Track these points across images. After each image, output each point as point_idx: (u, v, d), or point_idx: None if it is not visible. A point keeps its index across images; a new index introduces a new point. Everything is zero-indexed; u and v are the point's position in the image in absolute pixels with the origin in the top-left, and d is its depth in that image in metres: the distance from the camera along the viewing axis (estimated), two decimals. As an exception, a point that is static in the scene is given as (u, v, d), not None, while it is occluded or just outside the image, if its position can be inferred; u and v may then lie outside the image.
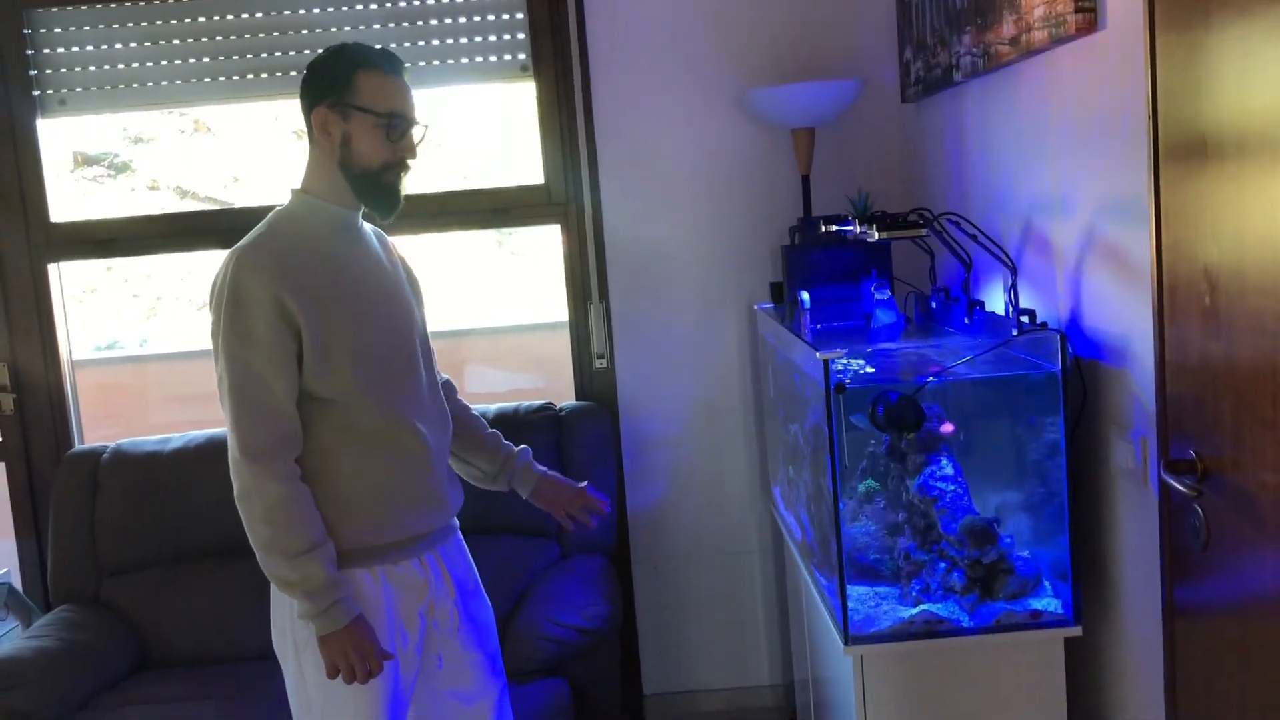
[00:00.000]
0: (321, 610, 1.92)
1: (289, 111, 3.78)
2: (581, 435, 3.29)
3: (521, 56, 3.37)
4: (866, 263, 2.99)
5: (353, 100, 1.95)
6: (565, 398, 3.50)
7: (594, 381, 3.48)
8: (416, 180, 2.13)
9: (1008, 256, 2.22)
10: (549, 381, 3.64)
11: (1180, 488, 1.60)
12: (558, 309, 3.53)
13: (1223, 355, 1.53)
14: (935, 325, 2.72)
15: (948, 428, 2.20)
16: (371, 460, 2.01)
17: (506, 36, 3.36)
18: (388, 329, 2.04)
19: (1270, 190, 1.39)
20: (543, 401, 3.36)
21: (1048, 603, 2.09)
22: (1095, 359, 2.05)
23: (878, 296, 2.87)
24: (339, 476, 1.99)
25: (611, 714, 2.92)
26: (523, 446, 2.37)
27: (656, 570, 3.51)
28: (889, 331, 2.79)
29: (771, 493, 3.11)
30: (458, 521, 2.26)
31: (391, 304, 2.07)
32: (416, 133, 2.03)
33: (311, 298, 1.94)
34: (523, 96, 3.44)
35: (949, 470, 2.17)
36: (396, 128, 1.98)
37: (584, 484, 2.38)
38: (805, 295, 2.87)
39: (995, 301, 2.52)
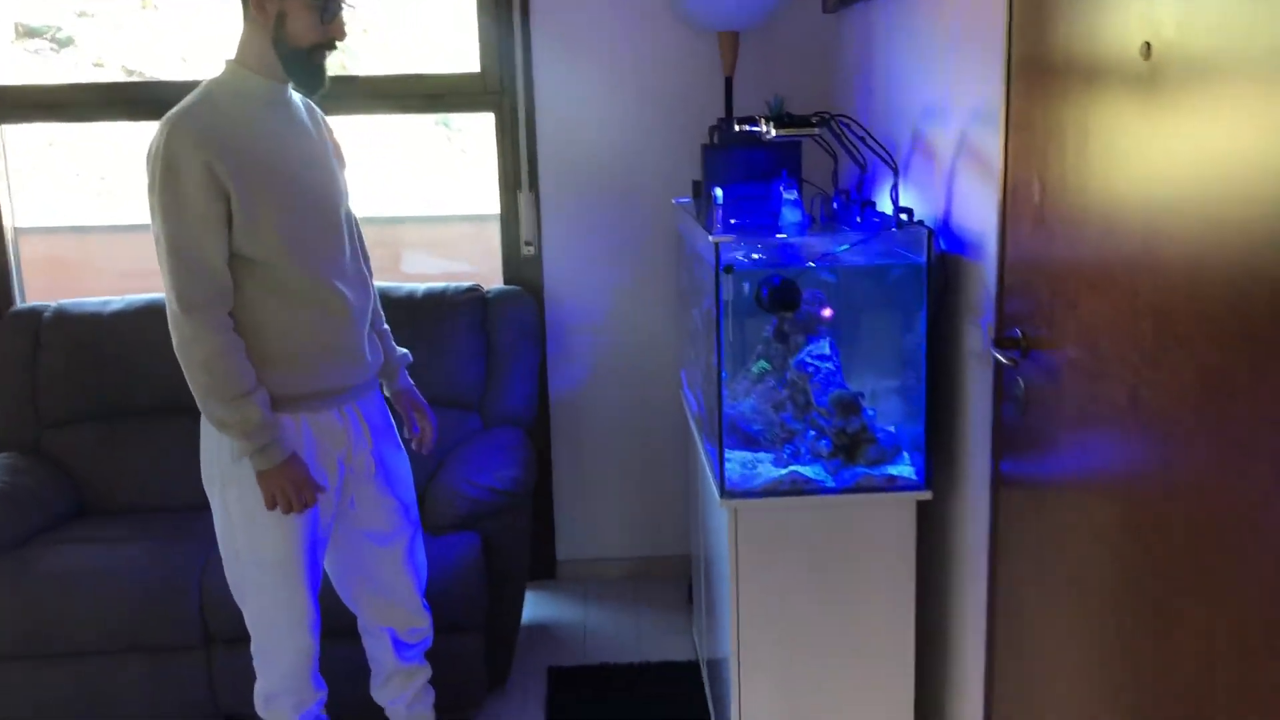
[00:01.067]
0: (259, 448, 2.13)
1: (234, -11, 3.84)
2: (506, 317, 3.49)
3: (462, -53, 3.48)
4: (778, 164, 3.18)
5: None
6: (495, 284, 3.68)
7: (522, 268, 3.67)
8: (358, 62, 2.27)
9: (891, 158, 2.43)
10: (481, 269, 3.82)
11: (1004, 360, 1.84)
12: (495, 202, 3.69)
13: (1044, 248, 1.76)
14: (835, 224, 2.93)
15: (827, 312, 2.42)
16: (296, 317, 2.19)
17: (448, -74, 3.46)
18: (313, 196, 2.20)
19: (1087, 107, 1.60)
20: (470, 284, 3.54)
21: (903, 469, 2.35)
22: (958, 254, 2.27)
23: (786, 196, 3.07)
24: (266, 331, 2.18)
25: (519, 570, 3.18)
26: (404, 352, 2.58)
27: (575, 446, 3.74)
28: (794, 229, 3.01)
29: (679, 376, 3.34)
30: (378, 380, 2.46)
31: (317, 172, 2.23)
32: (346, 14, 2.18)
33: (240, 164, 2.08)
34: (463, -14, 3.56)
35: (825, 350, 2.40)
36: (329, 10, 2.12)
37: (430, 421, 2.58)
38: (719, 192, 3.07)
39: (885, 202, 2.73)
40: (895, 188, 2.42)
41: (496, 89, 3.55)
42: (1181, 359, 1.34)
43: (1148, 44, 1.40)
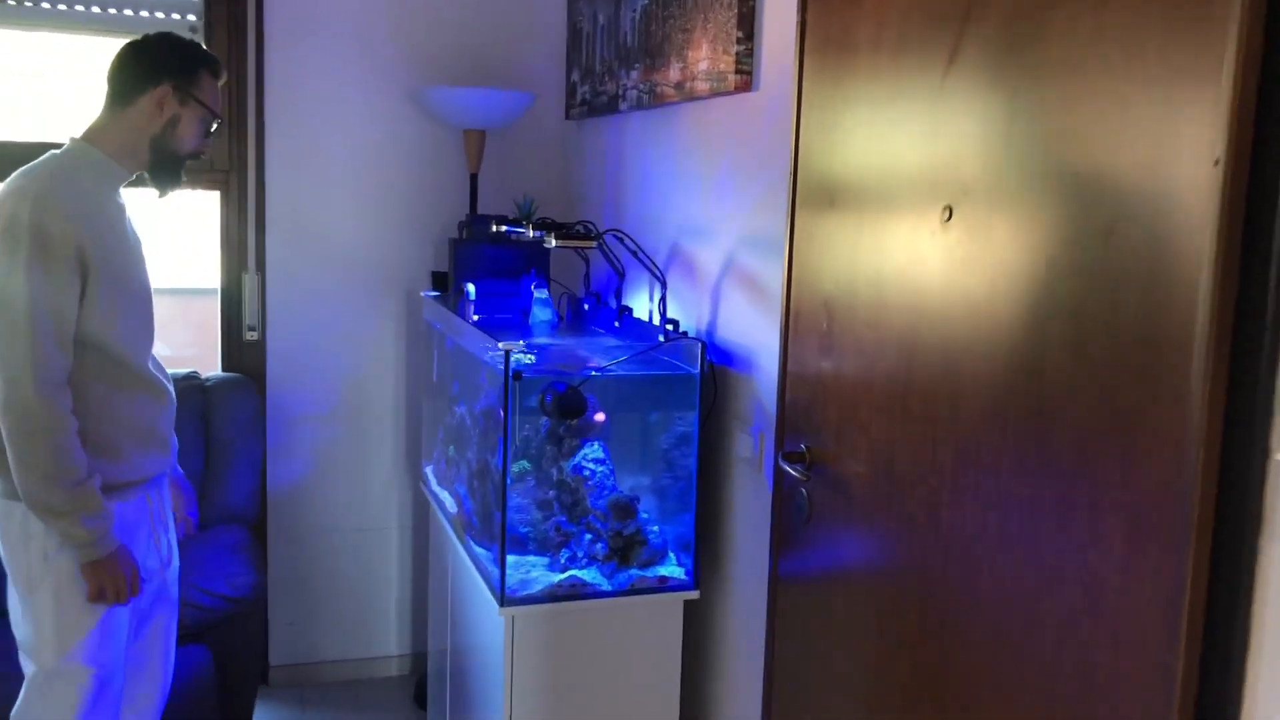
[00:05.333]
0: (94, 537, 2.05)
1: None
2: (227, 407, 3.29)
3: (191, 18, 3.31)
4: (527, 262, 3.26)
5: (196, 92, 2.17)
6: (212, 367, 3.46)
7: (243, 353, 3.47)
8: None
9: (661, 273, 2.56)
10: (197, 350, 3.58)
11: (793, 473, 1.98)
12: (210, 276, 3.49)
13: (832, 371, 1.92)
14: (586, 325, 3.03)
15: (600, 416, 2.49)
16: (122, 403, 2.14)
17: (181, -5, 3.29)
18: (141, 285, 2.20)
19: (872, 244, 1.79)
20: (188, 370, 3.32)
21: (673, 570, 2.44)
22: (726, 365, 2.43)
23: (537, 295, 3.15)
24: (93, 416, 2.09)
25: (252, 681, 2.96)
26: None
27: (293, 544, 3.55)
28: (545, 327, 3.07)
29: (422, 471, 3.28)
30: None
31: (142, 264, 2.23)
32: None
33: (101, 245, 2.06)
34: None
35: (599, 453, 2.46)
36: (214, 129, 2.25)
37: (192, 504, 2.56)
38: (471, 287, 3.08)
39: (640, 309, 2.86)
40: (664, 300, 2.54)
41: (224, 167, 3.38)
42: (980, 483, 1.52)
43: (949, 208, 1.59)
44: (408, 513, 3.65)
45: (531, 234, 2.68)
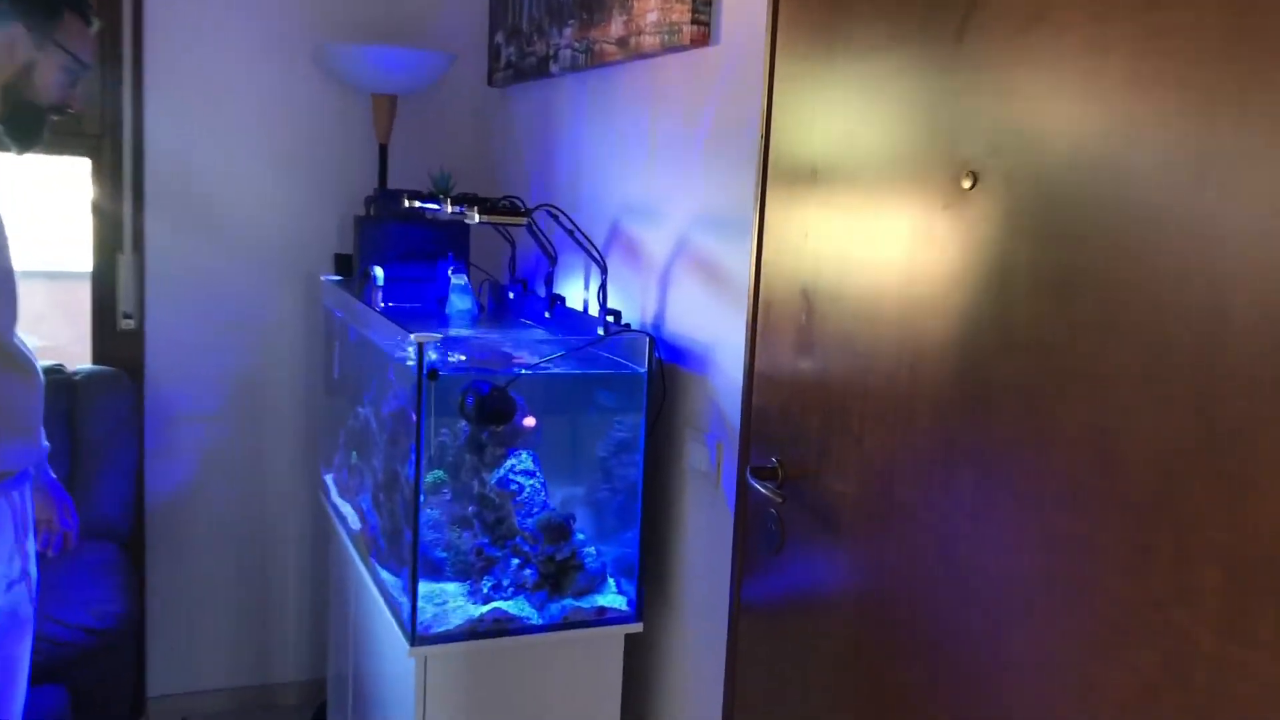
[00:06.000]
0: None
1: None
2: (98, 405, 2.88)
3: (58, -43, 2.88)
4: (444, 244, 2.90)
5: (56, 35, 1.92)
6: (82, 360, 3.04)
7: (118, 345, 3.05)
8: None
9: (602, 256, 2.22)
10: (61, 340, 3.15)
11: (762, 491, 1.67)
12: (82, 258, 3.06)
13: (813, 372, 1.62)
14: (512, 316, 2.68)
15: (530, 421, 2.15)
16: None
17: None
18: (6, 258, 1.93)
19: (869, 224, 1.49)
20: (53, 363, 2.90)
21: (612, 599, 2.12)
22: (676, 363, 2.11)
23: (455, 281, 2.79)
24: None
25: (118, 722, 2.56)
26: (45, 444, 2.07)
27: (175, 560, 3.15)
28: (464, 318, 2.72)
29: (322, 479, 2.90)
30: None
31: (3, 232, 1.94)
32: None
33: None
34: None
35: (529, 464, 2.13)
36: (82, 78, 1.99)
37: (69, 513, 2.20)
38: (379, 271, 2.72)
39: (574, 298, 2.53)
40: (604, 287, 2.21)
41: (95, 131, 2.95)
42: (1017, 516, 1.22)
43: (973, 175, 1.30)
44: (308, 522, 3.26)
45: (450, 210, 2.33)
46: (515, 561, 2.08)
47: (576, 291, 2.56)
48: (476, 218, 2.10)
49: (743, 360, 1.84)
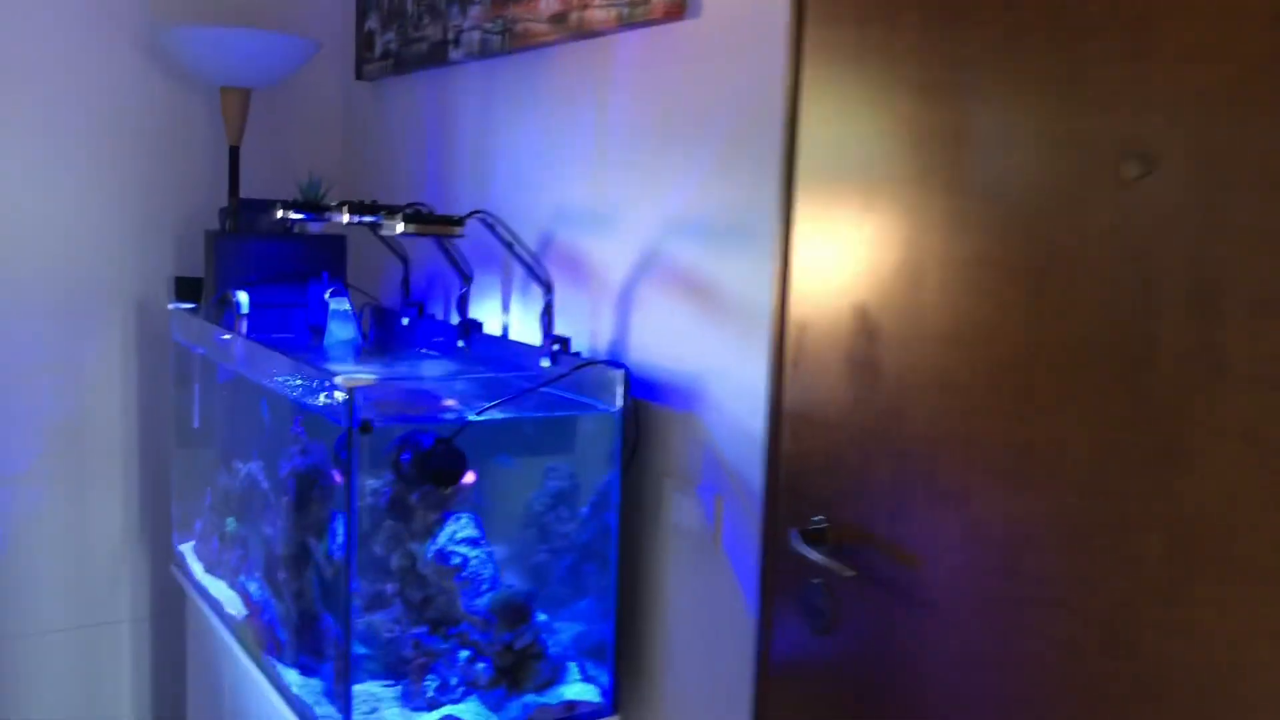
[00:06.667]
0: None
1: None
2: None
3: None
4: (318, 263, 2.46)
5: None
6: None
7: (-106, 393, 2.44)
8: None
9: (545, 273, 1.85)
10: None
11: (817, 558, 1.35)
12: None
13: (881, 412, 1.30)
14: (409, 347, 2.27)
15: (469, 477, 1.75)
16: None
17: None
18: None
19: (960, 220, 1.19)
20: None
21: (580, 689, 1.74)
22: (647, 399, 1.76)
23: (334, 306, 2.36)
24: None
25: None
26: None
27: (-22, 656, 2.55)
28: (347, 349, 2.30)
29: (175, 551, 2.39)
30: None
31: None
32: None
33: None
34: None
35: (471, 530, 1.72)
36: None
37: None
38: (244, 297, 2.25)
39: (490, 324, 2.15)
40: (548, 311, 1.84)
41: None
42: (1241, 595, 0.95)
43: (1145, 159, 1.02)
44: (144, 600, 2.71)
45: (347, 220, 1.90)
46: (464, 655, 1.67)
47: (490, 316, 2.18)
48: (400, 228, 1.69)
49: (761, 396, 1.51)
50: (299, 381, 1.63)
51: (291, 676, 1.74)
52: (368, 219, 1.86)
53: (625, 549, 1.75)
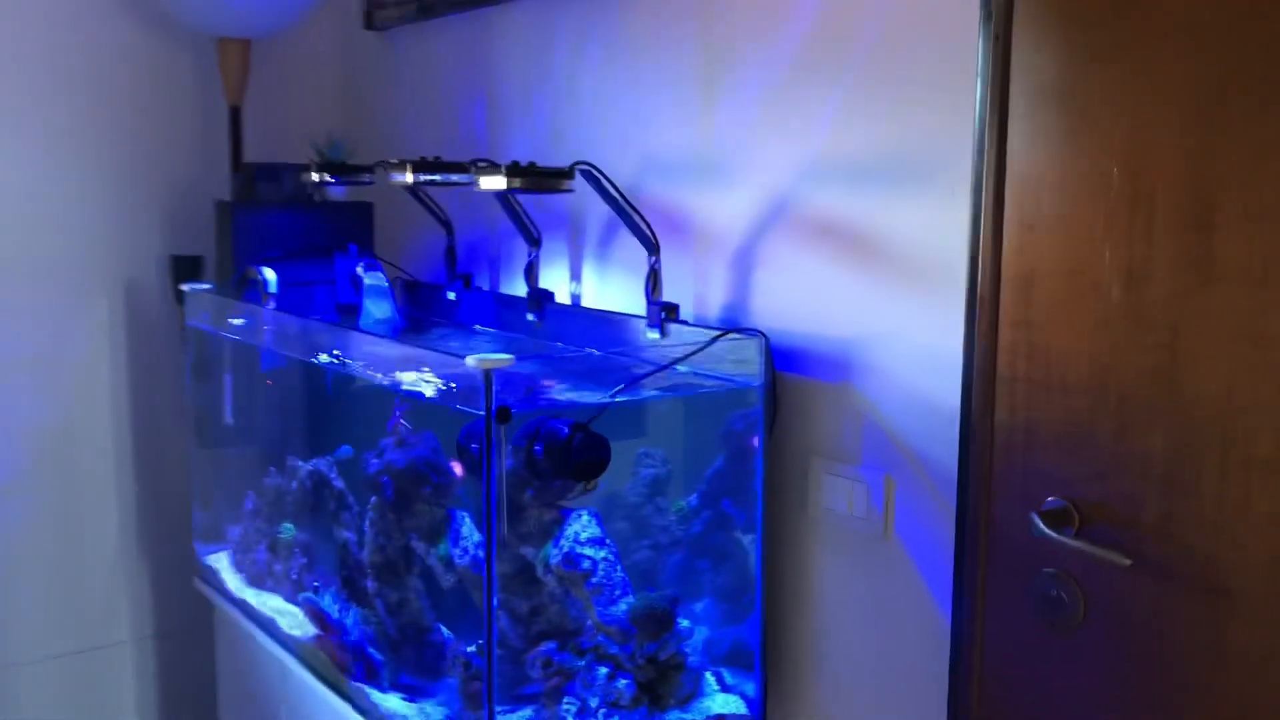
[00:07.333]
0: None
1: None
2: None
3: None
4: (342, 234, 2.20)
5: None
6: None
7: None
8: None
9: (653, 233, 1.62)
10: None
11: (1076, 545, 1.16)
12: None
13: (1153, 373, 1.11)
14: (458, 325, 2.03)
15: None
16: None
17: None
18: None
19: (1252, 150, 1.01)
20: None
21: (724, 701, 1.54)
22: (785, 371, 1.55)
23: (368, 281, 2.12)
24: None
25: None
26: None
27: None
28: (385, 330, 2.05)
29: (200, 562, 2.12)
30: None
31: None
32: None
33: None
34: None
35: (594, 530, 1.50)
36: None
37: None
38: (271, 275, 1.99)
39: (560, 293, 1.93)
40: (654, 276, 1.61)
41: None
42: None
43: None
44: (149, 621, 2.43)
45: (412, 180, 1.65)
46: (602, 671, 1.46)
47: (556, 285, 1.95)
48: (502, 183, 1.45)
49: (953, 361, 1.32)
50: (414, 368, 1.38)
51: (393, 703, 1.50)
52: (442, 176, 1.61)
53: (766, 540, 1.55)
